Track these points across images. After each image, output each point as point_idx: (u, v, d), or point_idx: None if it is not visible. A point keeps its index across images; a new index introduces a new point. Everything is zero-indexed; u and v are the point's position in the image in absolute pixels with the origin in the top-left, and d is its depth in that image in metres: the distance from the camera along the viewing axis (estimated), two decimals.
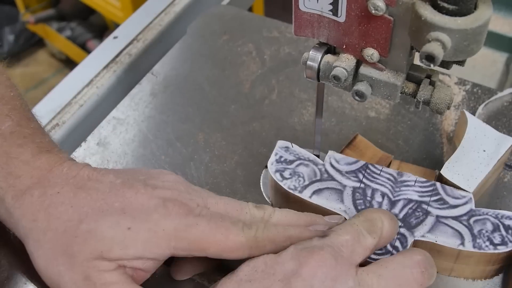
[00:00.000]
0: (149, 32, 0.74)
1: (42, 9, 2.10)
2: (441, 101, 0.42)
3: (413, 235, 0.47)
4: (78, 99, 0.66)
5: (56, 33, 2.04)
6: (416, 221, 0.48)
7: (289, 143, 0.54)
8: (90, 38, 2.02)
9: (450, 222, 0.47)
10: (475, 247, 0.46)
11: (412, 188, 0.50)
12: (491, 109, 0.62)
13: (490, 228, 0.47)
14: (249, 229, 0.43)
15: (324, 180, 0.51)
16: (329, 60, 0.44)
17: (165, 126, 0.63)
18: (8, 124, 0.47)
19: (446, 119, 0.62)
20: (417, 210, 0.48)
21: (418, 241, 0.47)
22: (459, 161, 0.51)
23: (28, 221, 0.43)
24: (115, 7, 1.65)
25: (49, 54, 2.21)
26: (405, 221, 0.48)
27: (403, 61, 0.42)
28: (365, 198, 0.49)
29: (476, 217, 0.48)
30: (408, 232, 0.47)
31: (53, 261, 0.42)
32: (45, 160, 0.46)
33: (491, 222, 0.47)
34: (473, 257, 0.46)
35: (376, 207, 0.49)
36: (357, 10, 0.40)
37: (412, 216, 0.48)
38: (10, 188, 0.44)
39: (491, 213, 0.48)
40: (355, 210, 0.48)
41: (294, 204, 0.51)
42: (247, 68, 0.69)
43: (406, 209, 0.48)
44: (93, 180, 0.45)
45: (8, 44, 2.12)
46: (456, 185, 0.50)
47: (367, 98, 0.44)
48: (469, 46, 0.37)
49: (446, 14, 0.36)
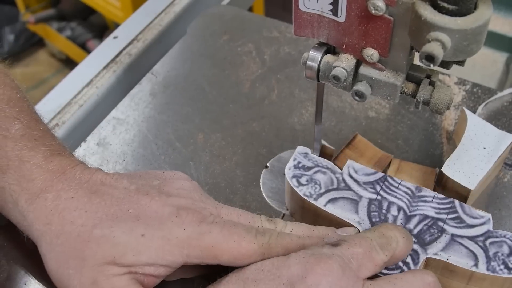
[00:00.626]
0: (149, 32, 0.74)
1: (42, 9, 2.10)
2: (441, 101, 0.42)
3: (425, 252, 0.46)
4: (78, 99, 0.66)
5: (56, 33, 2.04)
6: (431, 238, 0.46)
7: (308, 149, 0.53)
8: (90, 38, 2.02)
9: (466, 242, 0.46)
10: (488, 270, 0.44)
11: (429, 204, 0.49)
12: (491, 109, 0.62)
13: (507, 251, 0.45)
14: (262, 236, 0.43)
15: (341, 190, 0.50)
16: (329, 60, 0.44)
17: (165, 126, 0.63)
18: (18, 127, 0.46)
19: (446, 119, 0.62)
20: (433, 227, 0.47)
21: (430, 259, 0.46)
22: (459, 159, 0.51)
23: (42, 225, 0.43)
24: (115, 7, 1.65)
25: (49, 54, 2.20)
26: (419, 237, 0.47)
27: (403, 61, 0.42)
28: (381, 210, 0.48)
29: (493, 239, 0.46)
30: (421, 248, 0.46)
31: (64, 264, 0.42)
32: (58, 163, 0.46)
33: (508, 245, 0.46)
34: (486, 280, 0.45)
35: (390, 221, 0.48)
36: (357, 10, 0.40)
37: (427, 233, 0.47)
38: (23, 192, 0.44)
39: (509, 236, 0.46)
40: (369, 222, 0.48)
41: (308, 211, 0.50)
42: (247, 68, 0.69)
43: (421, 225, 0.47)
44: (107, 185, 0.45)
45: (8, 44, 2.12)
46: (457, 183, 0.50)
47: (367, 98, 0.44)
48: (469, 46, 0.37)
49: (446, 14, 0.36)
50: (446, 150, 0.59)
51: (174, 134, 0.62)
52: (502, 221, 0.53)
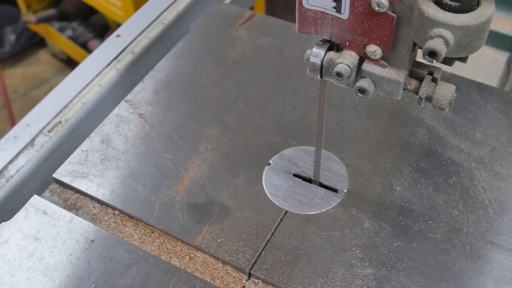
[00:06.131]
0: (151, 30, 0.75)
1: (43, 9, 2.10)
2: (443, 97, 0.42)
3: None
4: (81, 97, 0.67)
5: (57, 33, 2.04)
6: None
7: None
8: (91, 38, 2.01)
9: None
10: None
11: None
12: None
13: None
14: None
15: None
16: (332, 57, 0.44)
17: (167, 123, 0.64)
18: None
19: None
20: None
21: None
22: None
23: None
24: (116, 7, 1.65)
25: (50, 54, 2.20)
26: None
27: (405, 58, 0.42)
28: None
29: None
30: None
31: None
32: None
33: None
34: None
35: None
36: (360, 7, 0.40)
37: None
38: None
39: None
40: None
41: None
42: (249, 67, 0.70)
43: None
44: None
45: (9, 44, 2.12)
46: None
47: (370, 95, 0.44)
48: (471, 43, 0.37)
49: (448, 11, 0.36)
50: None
51: (176, 132, 0.63)
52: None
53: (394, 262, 0.52)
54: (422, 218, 0.55)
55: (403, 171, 0.59)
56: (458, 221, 0.54)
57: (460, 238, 0.53)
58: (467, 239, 0.53)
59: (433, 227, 0.54)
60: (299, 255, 0.52)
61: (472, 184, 0.57)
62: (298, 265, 0.52)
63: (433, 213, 0.55)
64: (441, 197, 0.56)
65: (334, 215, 0.55)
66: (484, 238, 0.53)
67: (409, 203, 0.56)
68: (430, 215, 0.55)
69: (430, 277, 0.50)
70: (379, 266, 0.51)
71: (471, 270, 0.51)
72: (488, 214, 0.55)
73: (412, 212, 0.55)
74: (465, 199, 0.56)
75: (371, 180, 0.58)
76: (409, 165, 0.59)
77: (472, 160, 0.59)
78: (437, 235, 0.53)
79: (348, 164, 0.59)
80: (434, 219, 0.55)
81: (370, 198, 0.56)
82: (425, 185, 0.57)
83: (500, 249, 0.52)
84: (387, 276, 0.51)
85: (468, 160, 0.59)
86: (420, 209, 0.55)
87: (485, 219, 0.55)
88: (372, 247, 0.53)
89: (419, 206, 0.56)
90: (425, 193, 0.57)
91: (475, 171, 0.58)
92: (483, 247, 0.52)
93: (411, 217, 0.55)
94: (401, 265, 0.51)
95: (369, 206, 0.56)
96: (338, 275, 0.51)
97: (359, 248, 0.53)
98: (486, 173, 0.58)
